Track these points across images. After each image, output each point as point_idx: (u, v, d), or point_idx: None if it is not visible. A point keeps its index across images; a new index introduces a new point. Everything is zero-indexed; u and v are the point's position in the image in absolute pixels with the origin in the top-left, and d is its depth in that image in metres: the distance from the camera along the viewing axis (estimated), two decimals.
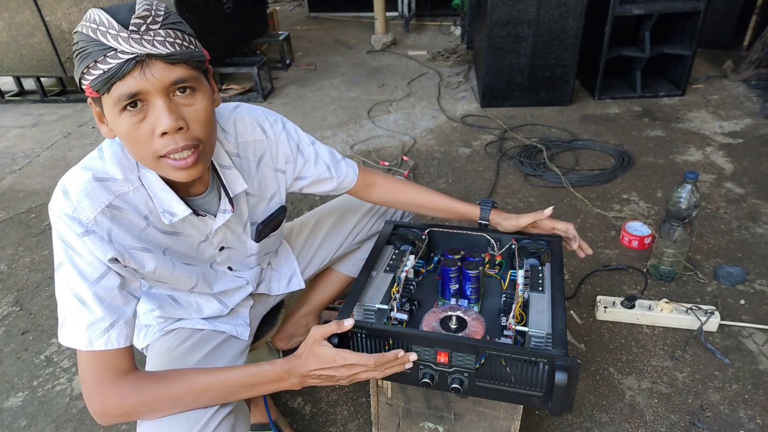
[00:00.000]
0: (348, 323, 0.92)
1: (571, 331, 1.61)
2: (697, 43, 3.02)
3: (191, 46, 0.78)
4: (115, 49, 0.71)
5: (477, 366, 0.90)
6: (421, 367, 0.94)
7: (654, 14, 2.96)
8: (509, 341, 0.97)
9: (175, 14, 0.78)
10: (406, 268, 1.12)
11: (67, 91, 4.04)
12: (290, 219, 1.43)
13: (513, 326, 0.96)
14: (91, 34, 0.72)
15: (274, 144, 1.05)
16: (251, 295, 1.20)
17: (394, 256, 1.16)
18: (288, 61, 4.39)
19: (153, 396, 0.82)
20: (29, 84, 4.02)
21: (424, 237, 1.21)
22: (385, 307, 1.01)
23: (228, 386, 0.87)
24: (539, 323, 0.94)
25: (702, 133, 2.79)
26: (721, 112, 3.02)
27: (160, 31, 0.73)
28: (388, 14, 4.96)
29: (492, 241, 1.20)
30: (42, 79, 3.88)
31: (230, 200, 0.97)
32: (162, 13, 0.75)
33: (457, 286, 1.08)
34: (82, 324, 0.80)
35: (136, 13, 0.72)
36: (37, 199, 2.61)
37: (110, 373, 0.82)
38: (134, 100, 0.74)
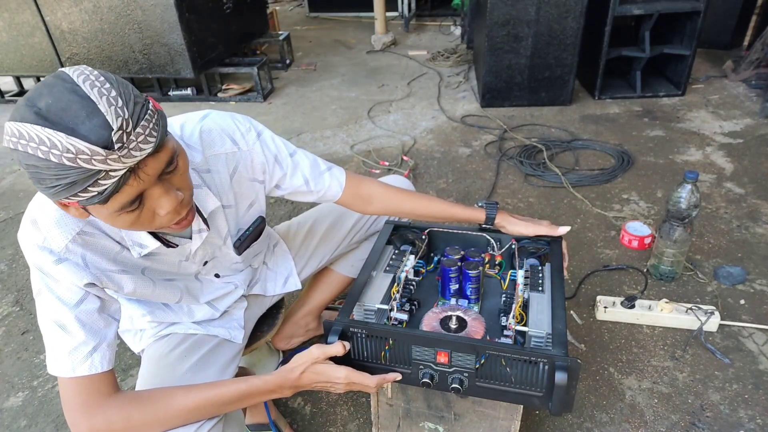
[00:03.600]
0: (347, 346, 0.94)
1: (571, 331, 1.60)
2: (697, 43, 3.02)
3: (158, 119, 0.69)
4: (107, 171, 0.64)
5: (477, 366, 0.90)
6: (421, 367, 0.94)
7: (654, 14, 2.95)
8: (509, 341, 0.96)
9: (127, 86, 0.67)
10: (406, 268, 1.12)
11: None
12: (288, 218, 1.42)
13: (513, 326, 0.96)
14: (67, 162, 0.62)
15: (248, 155, 0.98)
16: (246, 296, 1.19)
17: (394, 256, 1.16)
18: (288, 61, 4.39)
19: (141, 420, 0.81)
20: (29, 84, 4.02)
21: (424, 237, 1.21)
22: (385, 307, 1.01)
23: (216, 404, 0.86)
24: (539, 323, 0.94)
25: (702, 133, 2.79)
26: (721, 112, 3.02)
27: (139, 130, 0.65)
28: (388, 14, 4.95)
29: (492, 241, 1.20)
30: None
31: (204, 220, 0.93)
32: (130, 106, 0.65)
33: (457, 286, 1.08)
34: (64, 350, 0.79)
35: (115, 126, 0.62)
36: None
37: (95, 396, 0.80)
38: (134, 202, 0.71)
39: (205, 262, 1.03)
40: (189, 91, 3.73)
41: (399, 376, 0.95)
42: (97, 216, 0.74)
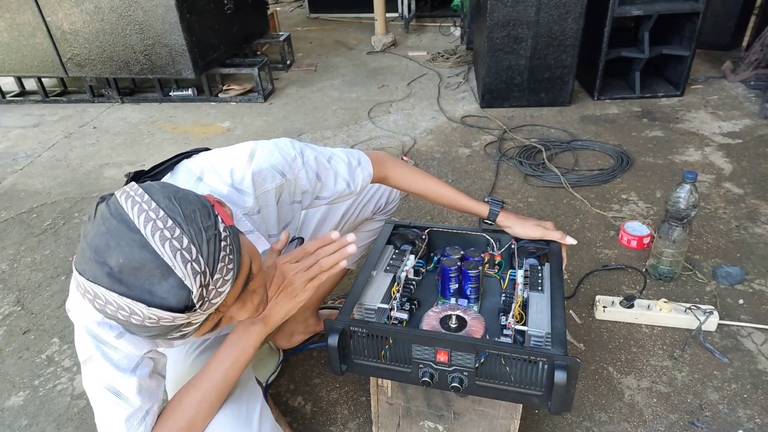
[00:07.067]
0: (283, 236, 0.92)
1: (571, 331, 1.61)
2: (696, 43, 3.02)
3: (232, 240, 0.65)
4: (189, 322, 0.64)
5: (477, 365, 0.91)
6: (421, 366, 0.95)
7: (653, 15, 2.96)
8: (509, 340, 0.97)
9: (195, 218, 0.63)
10: (406, 268, 1.13)
11: (68, 91, 4.04)
12: None
13: (512, 326, 0.97)
14: (149, 325, 0.61)
15: (293, 183, 0.97)
16: None
17: (394, 256, 1.17)
18: (288, 62, 4.40)
19: None
20: (30, 84, 4.02)
21: (424, 237, 1.22)
22: (386, 306, 1.02)
23: (216, 379, 0.86)
24: (539, 323, 0.94)
25: (701, 134, 2.80)
26: (720, 113, 3.03)
27: (217, 275, 0.62)
28: (388, 15, 4.96)
29: (492, 240, 1.20)
30: (43, 80, 3.88)
31: None
32: (204, 250, 0.61)
33: (456, 285, 1.09)
34: (120, 418, 0.79)
35: (194, 289, 0.60)
36: (38, 199, 2.61)
37: None
38: None
39: None
40: (190, 92, 3.73)
41: (336, 233, 0.88)
42: None
